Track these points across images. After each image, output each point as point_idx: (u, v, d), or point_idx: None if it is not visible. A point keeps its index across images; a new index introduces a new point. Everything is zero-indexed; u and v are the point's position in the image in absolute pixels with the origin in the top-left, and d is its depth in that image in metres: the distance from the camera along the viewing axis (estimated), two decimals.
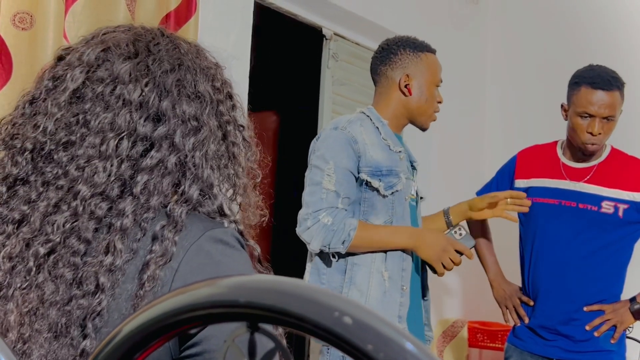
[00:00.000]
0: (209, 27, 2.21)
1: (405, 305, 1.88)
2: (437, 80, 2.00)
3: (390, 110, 1.98)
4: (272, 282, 0.39)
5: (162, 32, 0.92)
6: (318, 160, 1.85)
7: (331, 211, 1.78)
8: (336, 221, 1.77)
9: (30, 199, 0.81)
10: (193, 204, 0.84)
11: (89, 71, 0.85)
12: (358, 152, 1.85)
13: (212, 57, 0.95)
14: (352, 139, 1.85)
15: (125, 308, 0.77)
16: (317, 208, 1.79)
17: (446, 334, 3.43)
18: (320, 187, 1.81)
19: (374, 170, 1.85)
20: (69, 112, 0.83)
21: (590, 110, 2.09)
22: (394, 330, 0.37)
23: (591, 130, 2.10)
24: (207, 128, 0.86)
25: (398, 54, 1.98)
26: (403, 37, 2.03)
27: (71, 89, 0.84)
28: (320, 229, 1.77)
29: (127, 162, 0.82)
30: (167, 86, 0.85)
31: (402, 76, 1.96)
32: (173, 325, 0.43)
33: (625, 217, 2.15)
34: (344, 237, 1.77)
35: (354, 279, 1.84)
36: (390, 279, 1.85)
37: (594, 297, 2.18)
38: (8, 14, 1.68)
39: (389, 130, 1.95)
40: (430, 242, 1.85)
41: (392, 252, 1.87)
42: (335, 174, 1.81)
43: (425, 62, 1.98)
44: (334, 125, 1.90)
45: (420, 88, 1.97)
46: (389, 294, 1.85)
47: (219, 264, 0.80)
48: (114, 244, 0.78)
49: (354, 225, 1.78)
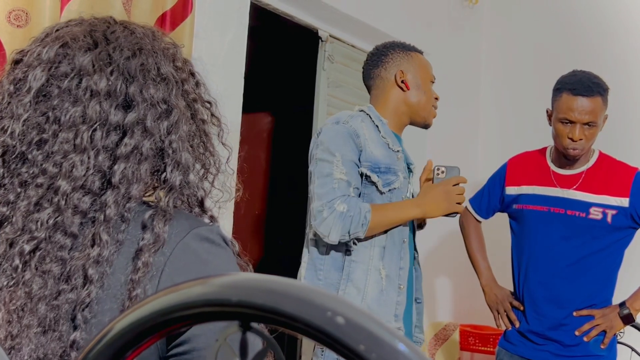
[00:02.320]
0: (204, 27, 2.21)
1: (401, 304, 1.88)
2: (430, 76, 2.02)
3: (390, 108, 1.98)
4: (265, 281, 0.39)
5: (114, 20, 0.92)
6: (324, 153, 1.84)
7: (344, 199, 1.77)
8: (351, 207, 1.76)
9: (9, 201, 0.80)
10: (178, 192, 0.84)
11: (51, 68, 0.84)
12: (360, 145, 1.85)
13: (168, 37, 0.95)
14: (354, 132, 1.85)
15: (119, 294, 0.77)
16: (330, 198, 1.77)
17: (438, 337, 3.44)
18: (331, 178, 1.79)
19: (373, 166, 1.85)
20: (36, 111, 0.82)
21: (570, 117, 2.10)
22: (386, 331, 0.37)
23: (572, 136, 2.11)
24: (178, 110, 0.86)
25: (388, 54, 1.99)
26: (389, 41, 2.06)
27: (35, 89, 0.83)
28: (337, 217, 1.75)
29: (103, 152, 0.82)
30: (132, 72, 0.85)
31: (397, 72, 1.97)
32: (165, 324, 0.43)
33: (614, 222, 2.16)
34: (361, 220, 1.76)
35: (351, 275, 1.83)
36: (388, 277, 1.85)
37: (584, 303, 2.19)
38: (3, 11, 1.67)
39: (389, 129, 1.95)
40: (433, 199, 1.86)
41: (390, 251, 1.87)
42: (344, 165, 1.81)
43: (416, 59, 2.00)
44: (335, 120, 1.89)
45: (416, 82, 1.98)
46: (386, 292, 1.84)
47: (205, 262, 0.80)
48: (99, 235, 0.78)
49: (368, 207, 1.78)
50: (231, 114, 2.28)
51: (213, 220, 0.88)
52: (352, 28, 3.08)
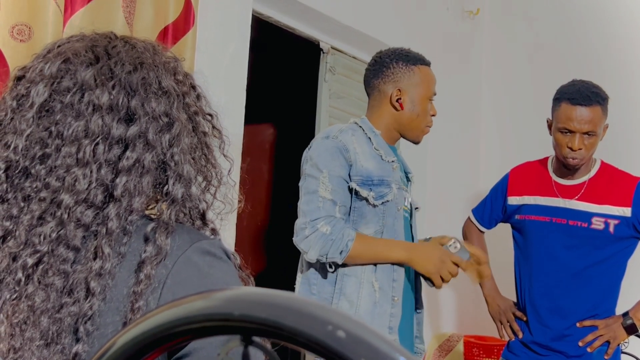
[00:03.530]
0: (206, 40, 2.22)
1: (396, 316, 1.86)
2: (430, 93, 1.98)
3: (383, 122, 1.97)
4: (266, 295, 0.40)
5: (115, 35, 0.93)
6: (311, 169, 1.84)
7: (329, 220, 1.77)
8: (335, 231, 1.76)
9: (12, 215, 0.81)
10: (180, 204, 0.84)
11: (53, 84, 0.85)
12: (349, 160, 1.84)
13: (169, 51, 0.96)
14: (343, 147, 1.84)
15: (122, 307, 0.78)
16: (314, 217, 1.78)
17: (442, 348, 3.42)
18: (316, 196, 1.79)
19: (365, 179, 1.84)
20: (39, 126, 0.83)
21: (569, 126, 2.10)
22: (387, 344, 0.37)
23: (571, 146, 2.11)
24: (179, 123, 0.87)
25: (390, 67, 1.95)
26: (397, 49, 2.01)
27: (38, 104, 0.84)
28: (318, 238, 1.75)
29: (106, 166, 0.82)
30: (133, 86, 0.86)
31: (394, 90, 1.94)
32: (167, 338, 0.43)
33: (617, 232, 2.15)
34: (341, 247, 1.75)
35: (344, 289, 1.82)
36: (381, 289, 1.84)
37: (587, 314, 2.18)
38: (6, 26, 1.68)
39: (382, 140, 1.94)
40: (426, 255, 1.84)
41: (382, 263, 1.86)
42: (330, 182, 1.80)
43: (419, 75, 1.96)
44: (325, 135, 1.89)
45: (412, 102, 1.95)
46: (379, 304, 1.83)
47: (207, 275, 0.81)
48: (101, 248, 0.79)
49: (352, 236, 1.77)
50: (233, 126, 2.29)
51: (214, 234, 0.89)
52: (353, 40, 3.09)
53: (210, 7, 2.26)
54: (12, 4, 1.68)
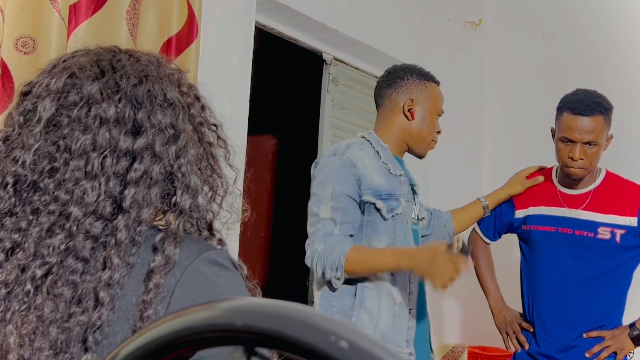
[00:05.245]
0: (210, 52, 2.23)
1: (412, 329, 1.87)
2: (438, 110, 2.03)
3: (392, 134, 1.99)
4: (269, 306, 0.39)
5: (119, 49, 0.94)
6: (316, 188, 1.86)
7: (324, 238, 1.78)
8: (327, 247, 1.77)
9: (21, 228, 0.82)
10: (187, 215, 0.85)
11: (60, 98, 0.86)
12: (357, 176, 1.85)
13: (173, 63, 0.97)
14: (350, 163, 1.85)
15: (131, 316, 0.78)
16: (314, 238, 1.81)
17: (446, 358, 3.40)
18: (317, 218, 1.82)
19: (374, 193, 1.86)
20: (47, 141, 0.84)
21: (570, 136, 2.09)
22: (389, 354, 0.37)
23: (572, 155, 2.10)
24: (185, 134, 0.88)
25: (405, 79, 2.00)
26: (410, 65, 2.07)
27: (45, 119, 0.84)
28: (316, 257, 1.78)
29: (114, 178, 0.83)
30: (139, 98, 0.87)
31: (407, 100, 1.98)
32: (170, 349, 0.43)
33: (623, 242, 2.14)
34: (336, 263, 1.75)
35: (364, 302, 1.82)
36: (400, 302, 1.85)
37: (594, 324, 2.17)
38: (11, 38, 1.69)
39: (390, 154, 1.96)
40: (418, 255, 1.75)
41: (400, 275, 1.86)
42: (332, 200, 1.81)
43: (430, 90, 2.01)
44: (333, 152, 1.91)
45: (422, 114, 1.99)
46: (397, 317, 1.84)
47: (214, 285, 0.81)
48: (110, 259, 0.79)
49: (344, 250, 1.75)
50: (237, 137, 2.29)
51: (221, 244, 0.90)
52: (356, 51, 3.10)
53: (213, 18, 2.27)
54: (17, 16, 1.69)
